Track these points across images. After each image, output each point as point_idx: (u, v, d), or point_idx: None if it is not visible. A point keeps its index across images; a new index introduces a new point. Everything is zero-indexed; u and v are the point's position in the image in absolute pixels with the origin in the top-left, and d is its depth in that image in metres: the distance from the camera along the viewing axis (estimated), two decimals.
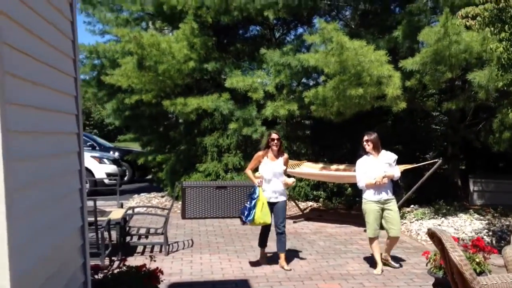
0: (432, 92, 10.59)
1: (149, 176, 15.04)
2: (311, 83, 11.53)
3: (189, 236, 8.69)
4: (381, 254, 6.66)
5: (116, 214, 7.58)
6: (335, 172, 9.54)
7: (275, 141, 6.69)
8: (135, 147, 17.68)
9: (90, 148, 16.70)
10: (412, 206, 10.46)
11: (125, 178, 16.00)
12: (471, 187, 11.08)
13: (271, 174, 6.65)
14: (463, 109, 9.76)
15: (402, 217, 9.53)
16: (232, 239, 8.48)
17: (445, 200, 10.17)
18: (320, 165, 10.37)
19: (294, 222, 9.75)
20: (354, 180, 9.86)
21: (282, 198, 6.73)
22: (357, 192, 11.17)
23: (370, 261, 7.06)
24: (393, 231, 6.48)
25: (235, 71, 11.14)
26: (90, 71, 13.13)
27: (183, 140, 12.02)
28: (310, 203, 11.49)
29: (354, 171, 10.07)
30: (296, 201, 11.05)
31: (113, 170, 13.98)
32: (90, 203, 6.36)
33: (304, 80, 11.66)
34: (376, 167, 6.44)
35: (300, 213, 10.51)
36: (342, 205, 11.20)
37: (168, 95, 11.57)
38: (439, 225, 8.83)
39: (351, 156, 11.20)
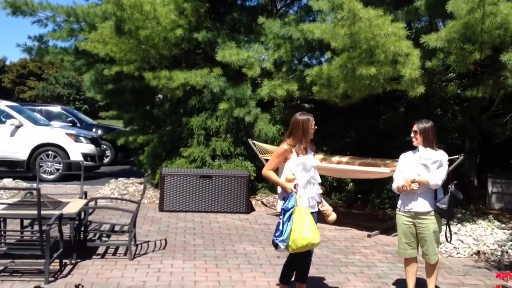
0: (451, 76, 9.17)
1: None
2: (314, 62, 10.12)
3: (163, 235, 7.36)
4: (415, 280, 5.14)
5: (73, 206, 6.24)
6: (340, 166, 8.18)
7: (314, 125, 4.84)
8: (121, 125, 16.31)
9: (71, 124, 15.32)
10: None
11: (106, 160, 14.66)
12: (490, 188, 9.72)
13: (307, 175, 4.78)
14: (488, 97, 8.35)
15: None
16: (213, 241, 7.16)
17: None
18: (320, 155, 9.03)
19: None
20: (361, 176, 8.62)
21: (315, 209, 4.88)
22: (359, 188, 9.83)
23: (377, 278, 5.75)
24: (426, 256, 5.02)
25: (228, 42, 9.72)
26: (67, 36, 11.66)
27: (167, 119, 10.63)
28: None
29: (360, 165, 8.85)
30: None
31: (90, 150, 12.60)
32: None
33: (306, 59, 10.25)
34: (414, 167, 4.96)
35: None
36: (342, 202, 9.86)
37: (154, 68, 10.17)
38: (456, 233, 7.48)
39: (355, 147, 9.83)
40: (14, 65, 51.31)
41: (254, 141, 9.06)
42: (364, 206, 9.62)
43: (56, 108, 17.04)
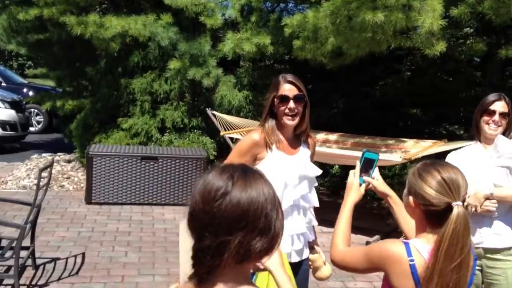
0: (467, 32, 7.17)
1: None
2: (294, 8, 7.94)
3: (82, 245, 5.21)
4: None
5: None
6: (329, 150, 6.09)
7: (293, 103, 2.55)
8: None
9: None
10: None
11: (37, 127, 12.22)
12: None
13: (293, 193, 2.63)
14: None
15: None
16: (154, 256, 5.05)
17: None
18: None
19: None
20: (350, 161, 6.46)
21: (304, 255, 2.73)
22: (347, 172, 7.80)
23: None
24: None
25: None
26: None
27: (102, 81, 8.28)
28: None
29: (354, 145, 6.82)
30: None
31: (9, 116, 10.13)
32: None
33: (282, 4, 8.03)
34: (487, 172, 2.88)
35: None
36: (326, 189, 7.84)
37: (84, 11, 7.78)
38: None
39: (344, 120, 7.77)
40: None
41: (214, 112, 6.88)
42: None
43: None
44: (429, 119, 7.33)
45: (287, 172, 2.59)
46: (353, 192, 2.14)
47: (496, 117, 2.86)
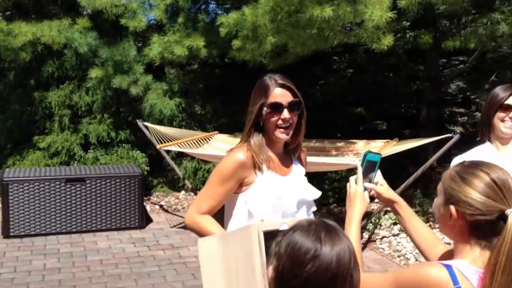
0: (404, 25, 6.98)
1: None
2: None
3: None
4: None
5: None
6: None
7: (287, 112, 2.02)
8: None
9: None
10: (376, 200, 6.94)
11: None
12: None
13: (293, 214, 2.12)
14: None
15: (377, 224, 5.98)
16: None
17: (416, 187, 6.68)
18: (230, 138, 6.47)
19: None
20: (314, 168, 5.83)
21: None
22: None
23: None
24: None
25: None
26: None
27: (12, 96, 7.32)
28: None
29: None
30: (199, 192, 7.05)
31: None
32: None
33: (213, 3, 7.50)
34: None
35: None
36: None
37: None
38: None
39: None
40: None
41: (146, 123, 6.21)
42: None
43: None
44: (373, 117, 7.07)
45: (284, 198, 2.06)
46: (358, 202, 1.73)
47: (500, 111, 2.50)
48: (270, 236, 1.66)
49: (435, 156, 5.15)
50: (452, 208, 1.42)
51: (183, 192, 7.54)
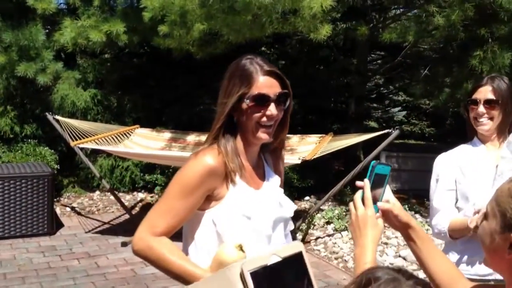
0: (335, 16, 6.78)
1: None
2: None
3: None
4: None
5: None
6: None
7: (274, 107, 1.57)
8: None
9: None
10: (307, 198, 6.72)
11: None
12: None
13: (269, 247, 1.63)
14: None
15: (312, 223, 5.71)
16: None
17: (346, 184, 6.52)
18: (166, 134, 5.96)
19: (123, 244, 5.14)
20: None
21: None
22: None
23: None
24: None
25: None
26: None
27: None
28: (140, 195, 6.98)
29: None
30: (117, 192, 6.46)
31: None
32: None
33: None
34: (489, 182, 2.14)
35: (125, 213, 6.00)
36: None
37: None
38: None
39: (209, 120, 6.89)
40: None
41: (57, 116, 5.53)
42: None
43: None
44: (305, 111, 6.79)
45: (257, 218, 1.61)
46: (370, 228, 1.30)
47: (481, 108, 2.18)
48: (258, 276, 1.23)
49: (375, 152, 4.97)
50: None
51: (98, 192, 6.91)
